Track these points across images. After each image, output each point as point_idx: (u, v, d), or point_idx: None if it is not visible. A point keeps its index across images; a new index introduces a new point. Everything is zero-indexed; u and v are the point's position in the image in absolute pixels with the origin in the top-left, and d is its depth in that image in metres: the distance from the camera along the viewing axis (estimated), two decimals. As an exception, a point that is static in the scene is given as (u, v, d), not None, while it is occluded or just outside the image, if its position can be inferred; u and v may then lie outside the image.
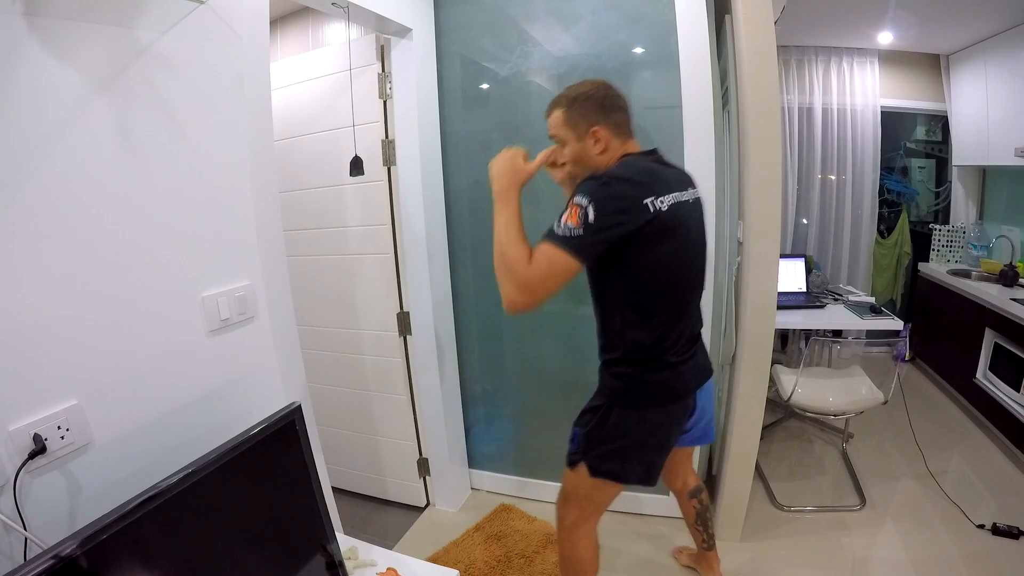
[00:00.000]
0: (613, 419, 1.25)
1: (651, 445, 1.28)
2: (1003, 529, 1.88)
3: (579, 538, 1.39)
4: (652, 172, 1.17)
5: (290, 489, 0.98)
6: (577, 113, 1.22)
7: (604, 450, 1.27)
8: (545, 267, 1.07)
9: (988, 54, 2.98)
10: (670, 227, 1.14)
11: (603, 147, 1.22)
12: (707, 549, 1.70)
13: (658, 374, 1.23)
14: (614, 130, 1.22)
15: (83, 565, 0.66)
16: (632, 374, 1.23)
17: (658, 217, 1.11)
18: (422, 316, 2.07)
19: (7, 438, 0.80)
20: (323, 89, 2.03)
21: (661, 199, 1.13)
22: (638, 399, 1.24)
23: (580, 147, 1.23)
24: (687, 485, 1.62)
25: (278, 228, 1.32)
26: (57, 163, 0.86)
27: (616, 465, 1.27)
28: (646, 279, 1.17)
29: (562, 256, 1.06)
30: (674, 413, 1.28)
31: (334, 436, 2.31)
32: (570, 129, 1.23)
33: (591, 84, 1.24)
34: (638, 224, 1.09)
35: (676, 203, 1.17)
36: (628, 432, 1.25)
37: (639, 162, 1.21)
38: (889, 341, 2.20)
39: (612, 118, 1.22)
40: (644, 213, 1.09)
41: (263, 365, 1.28)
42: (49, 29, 0.84)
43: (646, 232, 1.10)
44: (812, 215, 3.65)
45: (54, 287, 0.87)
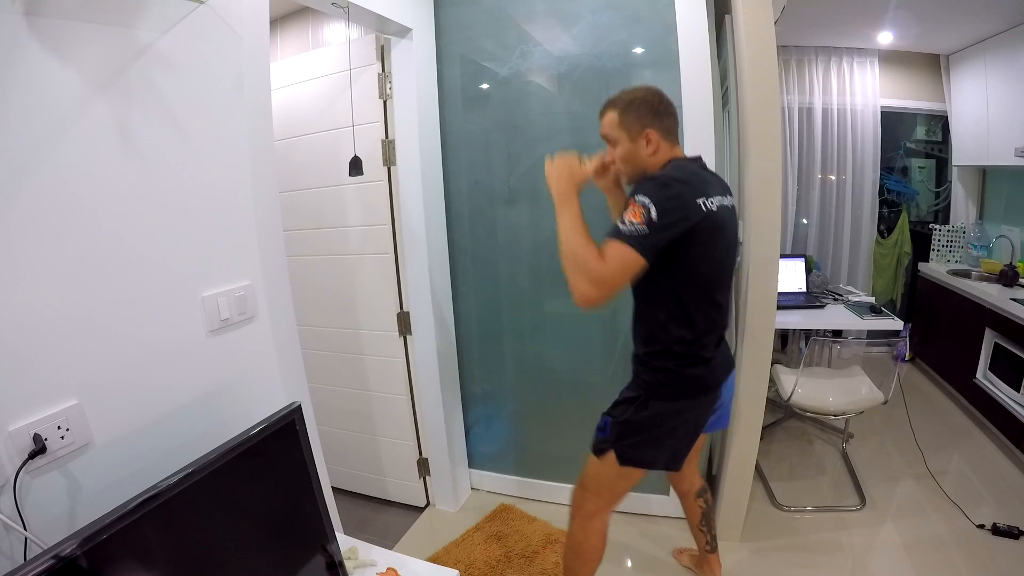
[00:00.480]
0: (649, 411, 1.31)
1: (681, 434, 1.34)
2: (1003, 529, 1.88)
3: (595, 526, 1.44)
4: (700, 175, 1.26)
5: (290, 489, 0.98)
6: (632, 116, 1.28)
7: (637, 439, 1.33)
8: (618, 264, 1.13)
9: (988, 54, 2.98)
10: (717, 228, 1.22)
11: (654, 149, 1.28)
12: (710, 552, 1.70)
13: (696, 367, 1.29)
14: (664, 134, 1.28)
15: (83, 565, 0.66)
16: (672, 368, 1.29)
17: (708, 217, 1.18)
18: (422, 316, 2.07)
19: (7, 438, 0.80)
20: (323, 89, 2.03)
21: (711, 200, 1.20)
22: (676, 392, 1.30)
23: (632, 148, 1.29)
24: (693, 485, 1.64)
25: (278, 228, 1.32)
26: (57, 163, 0.86)
27: (646, 452, 1.33)
28: (693, 276, 1.24)
29: (631, 253, 1.12)
30: (704, 404, 1.35)
31: (334, 436, 2.31)
32: (623, 130, 1.29)
33: (645, 90, 1.31)
34: (694, 222, 1.15)
35: (721, 206, 1.24)
36: (662, 423, 1.31)
37: (689, 165, 1.28)
38: (889, 341, 2.19)
39: (664, 123, 1.29)
40: (698, 212, 1.16)
41: (263, 365, 1.28)
42: (49, 29, 0.84)
43: (698, 230, 1.17)
44: (812, 215, 3.65)
45: (54, 287, 0.87)
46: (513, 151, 2.07)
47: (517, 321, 2.19)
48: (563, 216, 1.24)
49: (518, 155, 2.05)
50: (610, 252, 1.13)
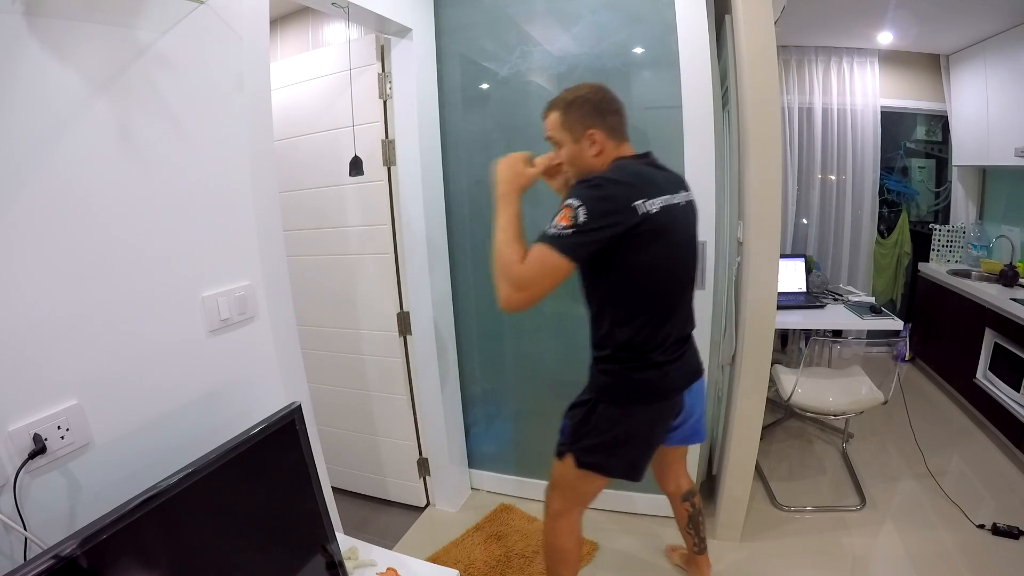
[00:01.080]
0: (599, 414, 1.29)
1: (636, 441, 1.32)
2: (1003, 529, 1.88)
3: (562, 527, 1.44)
4: (643, 175, 1.21)
5: (290, 489, 0.98)
6: (574, 116, 1.24)
7: (590, 443, 1.31)
8: (537, 266, 1.11)
9: (988, 54, 2.98)
10: (659, 229, 1.17)
11: (598, 150, 1.24)
12: (698, 553, 1.69)
13: (644, 372, 1.26)
14: (609, 133, 1.25)
15: (83, 565, 0.66)
16: (619, 371, 1.27)
17: (647, 219, 1.14)
18: (422, 316, 2.07)
19: (7, 438, 0.80)
20: (323, 89, 2.03)
21: (651, 201, 1.16)
22: (624, 395, 1.28)
23: (576, 149, 1.26)
24: (680, 488, 1.62)
25: (278, 228, 1.32)
26: (57, 163, 0.86)
27: (601, 458, 1.31)
28: (634, 280, 1.20)
29: (554, 256, 1.09)
30: (659, 411, 1.31)
31: (334, 436, 2.31)
32: (566, 131, 1.26)
33: (588, 87, 1.26)
34: (627, 226, 1.12)
35: (666, 206, 1.20)
36: (613, 427, 1.29)
37: (631, 165, 1.23)
38: (889, 341, 2.19)
39: (608, 121, 1.25)
40: (633, 215, 1.12)
41: (263, 365, 1.28)
42: (49, 29, 0.84)
43: (635, 234, 1.13)
44: (812, 215, 3.65)
45: (54, 287, 0.87)
46: (513, 151, 2.06)
47: (517, 321, 2.19)
48: (498, 217, 1.21)
49: (518, 155, 2.05)
50: (532, 254, 1.12)
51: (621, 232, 1.12)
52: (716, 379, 2.03)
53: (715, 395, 2.06)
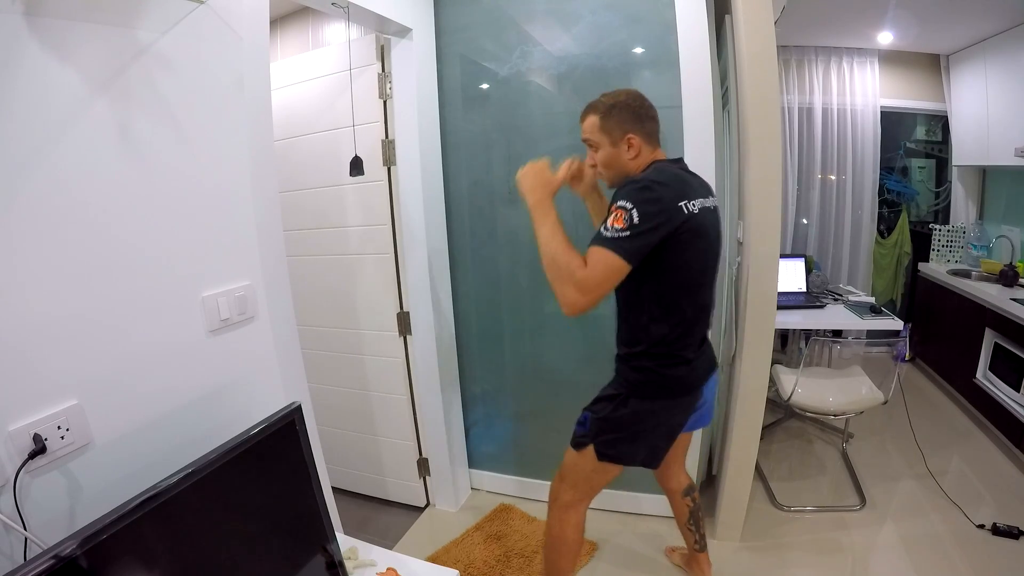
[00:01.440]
0: (629, 409, 1.32)
1: (660, 432, 1.36)
2: (1003, 529, 1.88)
3: (570, 518, 1.46)
4: (680, 178, 1.26)
5: (290, 489, 0.98)
6: (613, 120, 1.28)
7: (615, 435, 1.34)
8: (602, 269, 1.14)
9: (988, 54, 2.98)
10: (698, 230, 1.22)
11: (635, 153, 1.29)
12: (698, 551, 1.70)
13: (676, 368, 1.30)
14: (646, 138, 1.30)
15: (83, 565, 0.66)
16: (652, 367, 1.30)
17: (691, 219, 1.19)
18: (422, 316, 2.07)
19: (7, 438, 0.80)
20: (323, 89, 2.03)
21: (692, 203, 1.21)
22: (656, 391, 1.32)
23: (614, 152, 1.30)
24: (680, 483, 1.64)
25: (278, 228, 1.32)
26: (57, 163, 0.86)
27: (624, 448, 1.35)
28: (675, 278, 1.25)
29: (615, 258, 1.13)
30: (685, 404, 1.36)
31: (334, 436, 2.31)
32: (605, 135, 1.30)
33: (627, 93, 1.31)
34: (675, 225, 1.17)
35: (703, 208, 1.24)
36: (641, 421, 1.32)
37: (669, 168, 1.28)
38: (889, 341, 2.19)
39: (645, 127, 1.30)
40: (680, 214, 1.17)
41: (263, 365, 1.28)
42: (49, 29, 0.84)
43: (679, 234, 1.18)
44: (812, 215, 3.65)
45: (54, 287, 0.87)
46: (513, 151, 2.07)
47: (517, 321, 2.19)
48: (542, 225, 1.24)
49: (518, 155, 2.05)
50: (594, 258, 1.15)
51: (670, 231, 1.16)
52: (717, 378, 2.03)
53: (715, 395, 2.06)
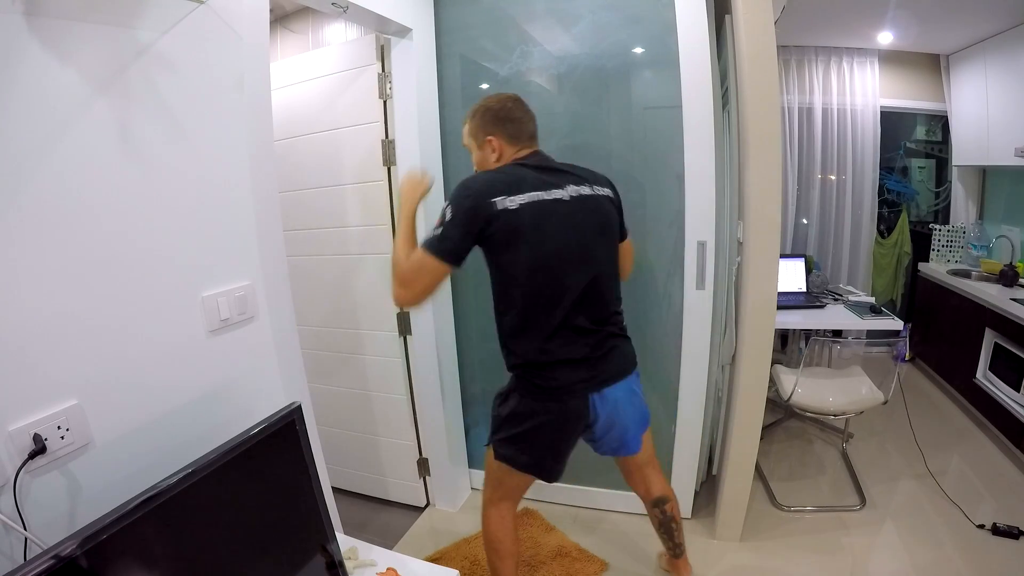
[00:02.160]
0: (510, 405, 1.36)
1: (540, 441, 1.35)
2: (1003, 529, 1.88)
3: (492, 516, 1.48)
4: (519, 174, 1.27)
5: (290, 489, 0.98)
6: (477, 124, 1.36)
7: (503, 435, 1.38)
8: (417, 265, 1.21)
9: (988, 54, 2.98)
10: (517, 227, 1.21)
11: (498, 155, 1.35)
12: (674, 557, 1.67)
13: (535, 372, 1.31)
14: (508, 139, 1.34)
15: (83, 565, 0.66)
16: (518, 368, 1.34)
17: (502, 215, 1.19)
18: (422, 316, 2.06)
19: (7, 438, 0.80)
20: (323, 89, 2.03)
21: (512, 198, 1.21)
22: (526, 391, 1.33)
23: (481, 155, 1.38)
24: (649, 494, 1.58)
25: (278, 228, 1.32)
26: (57, 163, 0.86)
27: (511, 451, 1.38)
28: (509, 278, 1.27)
29: (427, 256, 1.20)
30: (554, 412, 1.32)
31: (334, 436, 2.31)
32: (472, 139, 1.38)
33: (495, 98, 1.37)
34: (482, 220, 1.19)
35: (533, 202, 1.23)
36: (521, 421, 1.34)
37: (512, 166, 1.32)
38: (889, 341, 2.19)
39: (507, 129, 1.34)
40: (489, 209, 1.19)
41: (263, 365, 1.28)
42: (49, 29, 0.84)
43: (493, 230, 1.20)
44: (812, 215, 3.65)
45: (54, 287, 0.87)
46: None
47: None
48: (399, 227, 1.33)
49: (518, 155, 2.05)
50: (413, 255, 1.22)
51: (479, 227, 1.19)
52: (716, 379, 2.03)
53: (715, 395, 2.06)
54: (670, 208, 1.88)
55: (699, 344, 1.87)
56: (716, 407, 2.10)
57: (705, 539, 1.96)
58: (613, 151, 1.95)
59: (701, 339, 1.87)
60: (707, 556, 1.87)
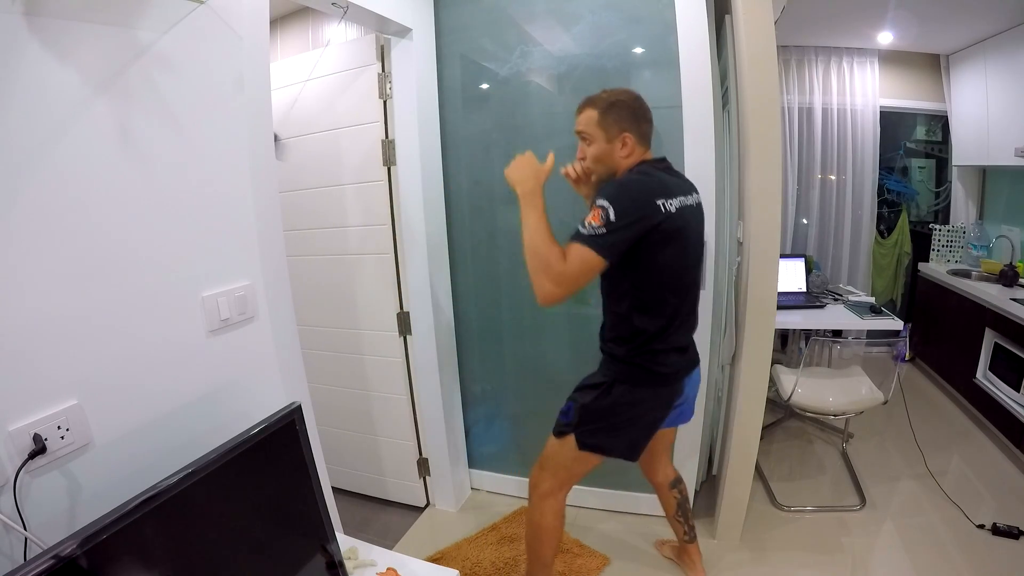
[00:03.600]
0: (612, 397, 1.35)
1: (640, 424, 1.39)
2: (1003, 529, 1.88)
3: (550, 506, 1.48)
4: (662, 179, 1.30)
5: (290, 489, 0.98)
6: (612, 117, 1.31)
7: (596, 425, 1.38)
8: (579, 265, 1.19)
9: (988, 54, 2.98)
10: (677, 228, 1.26)
11: (629, 152, 1.32)
12: (688, 542, 1.72)
13: (658, 361, 1.34)
14: (640, 139, 1.34)
15: (83, 565, 0.66)
16: (633, 359, 1.34)
17: (668, 217, 1.23)
18: (422, 316, 2.07)
19: (7, 438, 0.80)
20: (323, 89, 2.03)
21: (670, 201, 1.24)
22: (636, 382, 1.36)
23: (607, 148, 1.33)
24: (667, 477, 1.67)
25: (278, 228, 1.32)
26: (57, 163, 0.86)
27: (604, 439, 1.39)
28: (654, 273, 1.28)
29: (591, 254, 1.18)
30: (665, 396, 1.39)
31: (334, 436, 2.31)
32: (601, 130, 1.32)
33: (626, 93, 1.35)
34: (652, 223, 1.21)
35: (682, 206, 1.28)
36: (622, 410, 1.36)
37: (651, 169, 1.32)
38: (889, 341, 2.19)
39: (642, 128, 1.34)
40: (657, 213, 1.21)
41: (263, 365, 1.28)
42: (49, 29, 0.84)
43: (658, 231, 1.22)
44: (812, 215, 3.65)
45: (54, 287, 0.87)
46: (513, 151, 2.04)
47: (517, 321, 2.19)
48: (528, 216, 1.28)
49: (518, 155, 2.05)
50: (572, 254, 1.19)
51: (647, 228, 1.20)
52: (716, 379, 2.03)
53: (715, 395, 2.06)
54: (670, 208, 1.88)
55: (699, 344, 1.86)
56: (716, 407, 2.10)
57: (705, 539, 1.95)
58: (613, 151, 1.95)
59: (701, 339, 1.86)
60: (707, 556, 1.86)
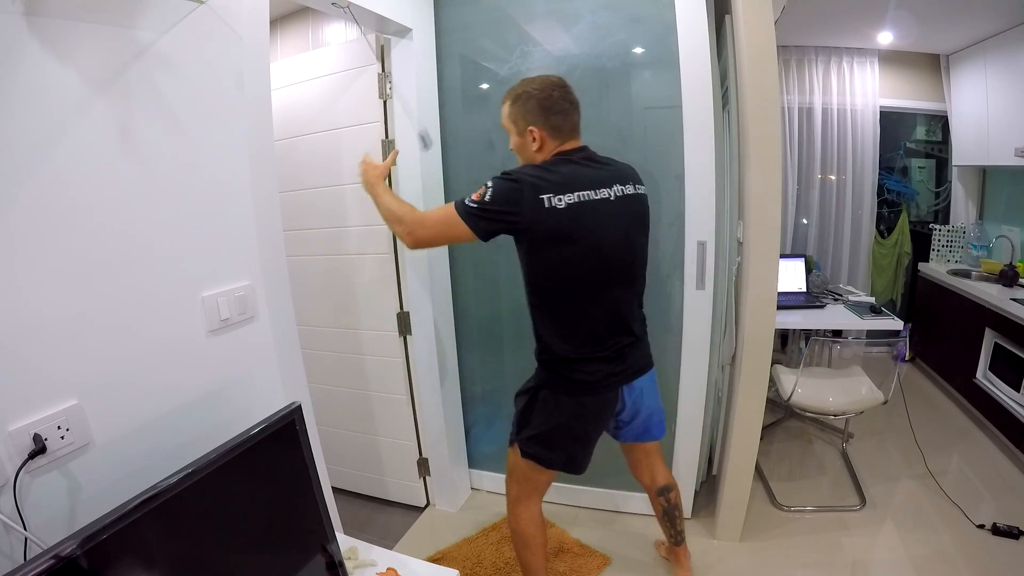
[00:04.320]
0: (540, 401, 1.35)
1: (570, 434, 1.37)
2: (1003, 529, 1.88)
3: (520, 512, 1.49)
4: (560, 171, 1.26)
5: (290, 489, 0.98)
6: (518, 111, 1.32)
7: (530, 433, 1.38)
8: (442, 214, 1.26)
9: (988, 54, 2.98)
10: (569, 226, 1.22)
11: (539, 145, 1.32)
12: (675, 544, 1.71)
13: (572, 367, 1.31)
14: (551, 132, 1.31)
15: (83, 565, 0.66)
16: (554, 367, 1.33)
17: (552, 213, 1.20)
18: (422, 316, 2.07)
19: (7, 438, 0.80)
20: (323, 89, 2.03)
21: (559, 197, 1.21)
22: (557, 386, 1.34)
23: (520, 141, 1.34)
24: (655, 483, 1.63)
25: (278, 228, 1.32)
26: (57, 163, 0.86)
27: (540, 449, 1.39)
28: (551, 276, 1.27)
29: (455, 216, 1.23)
30: (589, 406, 1.35)
31: (334, 436, 2.31)
32: (512, 123, 1.34)
33: (539, 83, 1.32)
34: (529, 217, 1.20)
35: (581, 202, 1.23)
36: (550, 418, 1.35)
37: (562, 160, 1.30)
38: (889, 341, 2.19)
39: (551, 120, 1.30)
40: (536, 207, 1.20)
41: (263, 365, 1.28)
42: (49, 29, 0.84)
43: (539, 228, 1.21)
44: (812, 215, 3.65)
45: (54, 287, 0.87)
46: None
47: (517, 321, 2.19)
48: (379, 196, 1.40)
49: (518, 155, 2.05)
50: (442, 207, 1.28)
51: (523, 221, 1.20)
52: (716, 379, 2.03)
53: (715, 395, 2.06)
54: (670, 208, 1.88)
55: (699, 344, 1.87)
56: (716, 407, 2.10)
57: (705, 539, 1.96)
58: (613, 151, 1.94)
59: (701, 339, 1.87)
60: (707, 556, 1.87)
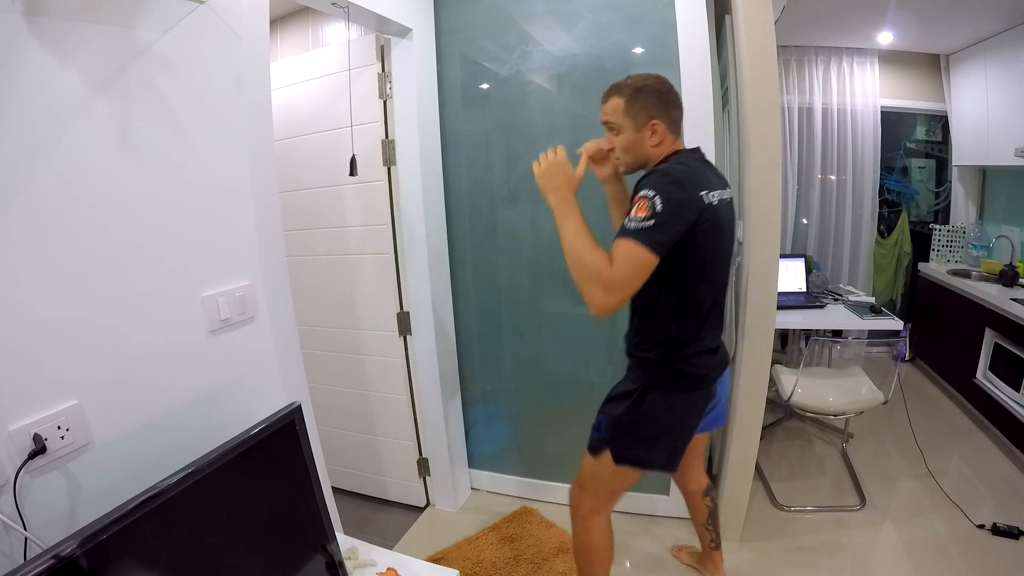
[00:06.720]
0: (644, 406, 1.27)
1: (677, 431, 1.30)
2: (1003, 529, 1.88)
3: (596, 525, 1.41)
4: (701, 169, 1.22)
5: (290, 489, 0.98)
6: (639, 104, 1.23)
7: (632, 437, 1.29)
8: (629, 265, 1.08)
9: (988, 54, 2.98)
10: (718, 222, 1.19)
11: (659, 140, 1.24)
12: (714, 548, 1.69)
13: (692, 363, 1.26)
14: (670, 126, 1.25)
15: (83, 565, 0.66)
16: (667, 363, 1.26)
17: (710, 210, 1.15)
18: (422, 316, 2.07)
19: (7, 438, 0.80)
20: (323, 89, 2.03)
21: (712, 193, 1.17)
22: (670, 387, 1.27)
23: (636, 137, 1.25)
24: (700, 484, 1.62)
25: (278, 228, 1.32)
26: (57, 163, 0.86)
27: (641, 451, 1.30)
28: (696, 271, 1.21)
29: (641, 251, 1.07)
30: (699, 400, 1.31)
31: (334, 436, 2.31)
32: (629, 118, 1.24)
33: (654, 78, 1.26)
34: (698, 215, 1.12)
35: (721, 200, 1.21)
36: (656, 420, 1.28)
37: (690, 159, 1.24)
38: (889, 341, 2.19)
39: (672, 114, 1.25)
40: (701, 204, 1.13)
41: (263, 365, 1.28)
42: (49, 29, 0.84)
43: (701, 224, 1.13)
44: (812, 215, 3.65)
45: (54, 287, 0.87)
46: (513, 151, 2.07)
47: (517, 321, 2.19)
48: (565, 223, 1.18)
49: (518, 155, 2.05)
50: (620, 253, 1.08)
51: (692, 222, 1.12)
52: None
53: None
54: (670, 208, 1.88)
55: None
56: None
57: (705, 539, 1.96)
58: (613, 151, 1.95)
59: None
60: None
